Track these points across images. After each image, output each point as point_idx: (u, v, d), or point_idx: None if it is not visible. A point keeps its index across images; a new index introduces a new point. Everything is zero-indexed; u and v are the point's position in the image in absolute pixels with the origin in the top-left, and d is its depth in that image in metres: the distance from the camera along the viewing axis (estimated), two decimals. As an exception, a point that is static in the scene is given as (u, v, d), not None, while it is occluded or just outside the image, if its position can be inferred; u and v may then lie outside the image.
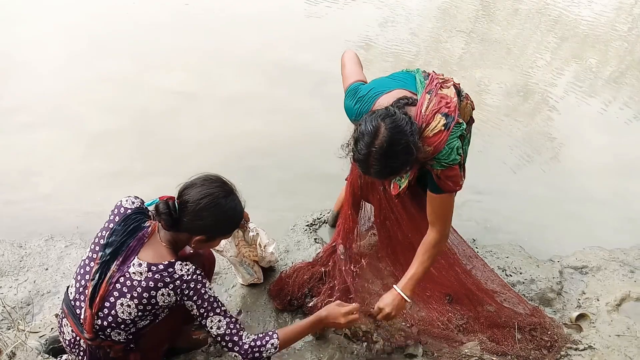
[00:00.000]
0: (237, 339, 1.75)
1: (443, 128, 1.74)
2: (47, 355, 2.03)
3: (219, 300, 1.76)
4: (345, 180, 2.51)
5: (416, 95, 1.84)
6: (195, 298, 1.70)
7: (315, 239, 2.82)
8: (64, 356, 1.94)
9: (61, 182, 3.11)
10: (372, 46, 4.84)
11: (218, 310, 1.74)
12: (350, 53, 2.21)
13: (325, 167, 3.20)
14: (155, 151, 3.41)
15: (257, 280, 2.50)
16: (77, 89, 3.88)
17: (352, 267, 2.48)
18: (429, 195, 1.92)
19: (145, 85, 3.96)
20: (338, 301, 2.02)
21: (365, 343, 2.24)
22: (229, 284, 2.57)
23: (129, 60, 4.24)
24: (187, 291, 1.69)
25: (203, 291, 1.71)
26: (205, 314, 1.73)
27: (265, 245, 2.43)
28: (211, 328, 1.74)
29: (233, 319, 1.77)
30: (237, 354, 1.76)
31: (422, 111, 1.76)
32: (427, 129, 1.75)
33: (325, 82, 3.97)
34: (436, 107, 1.77)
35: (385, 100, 1.81)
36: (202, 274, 1.74)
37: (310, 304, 2.38)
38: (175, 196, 1.73)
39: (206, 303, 1.72)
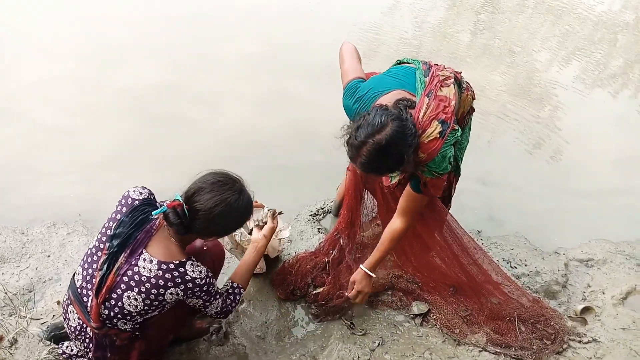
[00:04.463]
0: (225, 307, 1.89)
1: (438, 136, 1.76)
2: (48, 342, 2.02)
3: (217, 288, 1.84)
4: (347, 169, 2.48)
5: (415, 96, 1.84)
6: (204, 296, 1.76)
7: (318, 229, 2.80)
8: (66, 343, 1.92)
9: (42, 174, 3.00)
10: (376, 33, 4.80)
11: (217, 296, 1.83)
12: (348, 46, 2.17)
13: (316, 156, 3.18)
14: (131, 144, 3.28)
15: (259, 270, 2.48)
16: (28, 86, 3.63)
17: (354, 258, 2.46)
18: (407, 189, 1.96)
19: (114, 81, 3.76)
20: None
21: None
22: (231, 272, 2.54)
23: (90, 56, 4.03)
24: (198, 292, 1.72)
25: (212, 291, 1.78)
26: (208, 304, 1.81)
27: (280, 230, 2.39)
28: (211, 311, 1.86)
29: (219, 291, 1.86)
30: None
31: (420, 117, 1.78)
32: (424, 135, 1.77)
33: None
34: (434, 112, 1.78)
35: (384, 102, 1.81)
36: (211, 274, 1.78)
37: (313, 293, 2.37)
38: (182, 200, 1.69)
39: (211, 297, 1.80)
